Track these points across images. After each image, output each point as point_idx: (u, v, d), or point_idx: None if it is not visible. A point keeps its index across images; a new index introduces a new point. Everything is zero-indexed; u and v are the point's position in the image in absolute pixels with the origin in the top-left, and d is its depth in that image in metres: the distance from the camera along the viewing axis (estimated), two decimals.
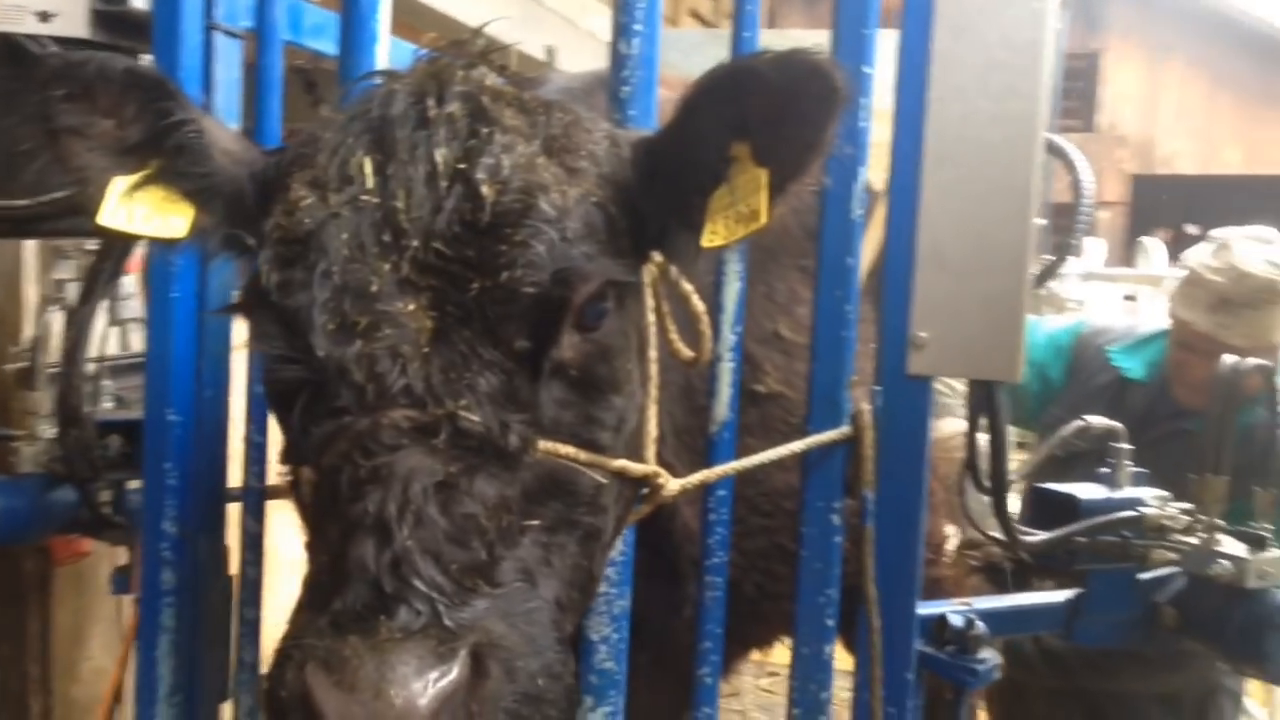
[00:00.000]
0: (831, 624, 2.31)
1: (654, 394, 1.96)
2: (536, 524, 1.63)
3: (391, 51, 2.54)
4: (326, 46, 2.91)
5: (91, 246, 3.25)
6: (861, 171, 2.30)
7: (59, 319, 3.41)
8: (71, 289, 3.45)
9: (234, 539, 2.74)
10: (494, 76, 1.82)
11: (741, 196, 1.75)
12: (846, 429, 2.28)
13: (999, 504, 2.45)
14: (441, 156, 1.65)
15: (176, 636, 2.56)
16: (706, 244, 1.79)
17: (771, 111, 1.70)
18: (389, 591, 1.43)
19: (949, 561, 3.20)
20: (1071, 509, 2.62)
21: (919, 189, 2.32)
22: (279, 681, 1.46)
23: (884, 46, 4.00)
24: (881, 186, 2.41)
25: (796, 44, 1.72)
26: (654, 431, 1.95)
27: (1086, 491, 2.68)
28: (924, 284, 2.35)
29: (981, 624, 2.45)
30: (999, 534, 2.66)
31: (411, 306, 1.59)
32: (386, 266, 1.61)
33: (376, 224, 1.63)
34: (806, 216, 2.40)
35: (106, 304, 2.89)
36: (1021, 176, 2.33)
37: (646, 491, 1.96)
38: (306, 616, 1.49)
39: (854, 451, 2.28)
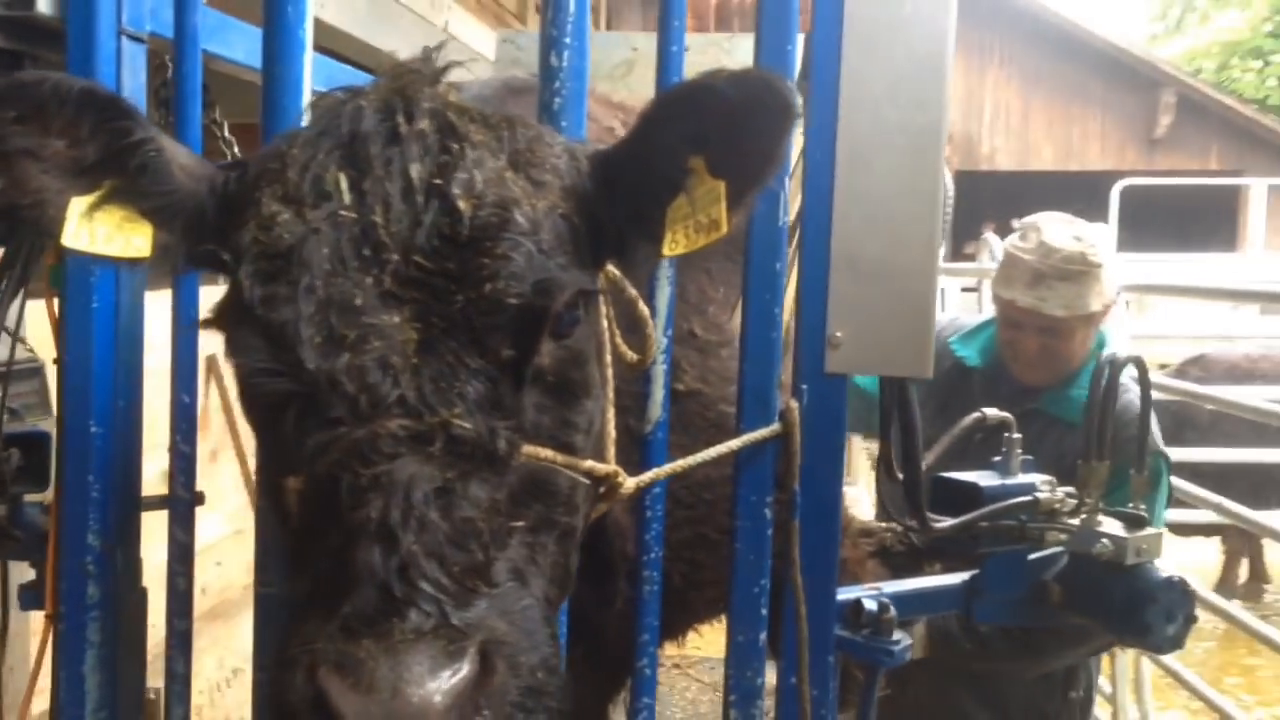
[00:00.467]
0: (765, 612, 2.41)
1: (611, 396, 2.04)
2: (521, 525, 1.69)
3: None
4: (238, 54, 2.90)
5: None
6: (787, 180, 2.41)
7: None
8: None
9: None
10: (454, 93, 1.87)
11: (701, 207, 1.84)
12: (776, 426, 2.38)
13: (913, 492, 2.58)
14: (416, 172, 1.70)
15: (102, 651, 2.53)
16: (668, 252, 1.88)
17: (729, 126, 1.79)
18: (398, 595, 1.48)
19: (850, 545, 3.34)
20: (974, 496, 2.77)
21: (832, 195, 2.44)
22: (288, 685, 1.49)
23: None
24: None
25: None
26: (613, 433, 2.02)
27: (985, 479, 2.83)
28: (838, 286, 2.47)
29: (894, 608, 2.60)
30: (906, 521, 2.81)
31: (396, 318, 1.64)
32: (369, 280, 1.65)
33: (356, 239, 1.67)
34: None
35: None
36: (928, 182, 2.47)
37: (603, 490, 2.03)
38: (311, 621, 1.53)
39: (784, 448, 2.39)
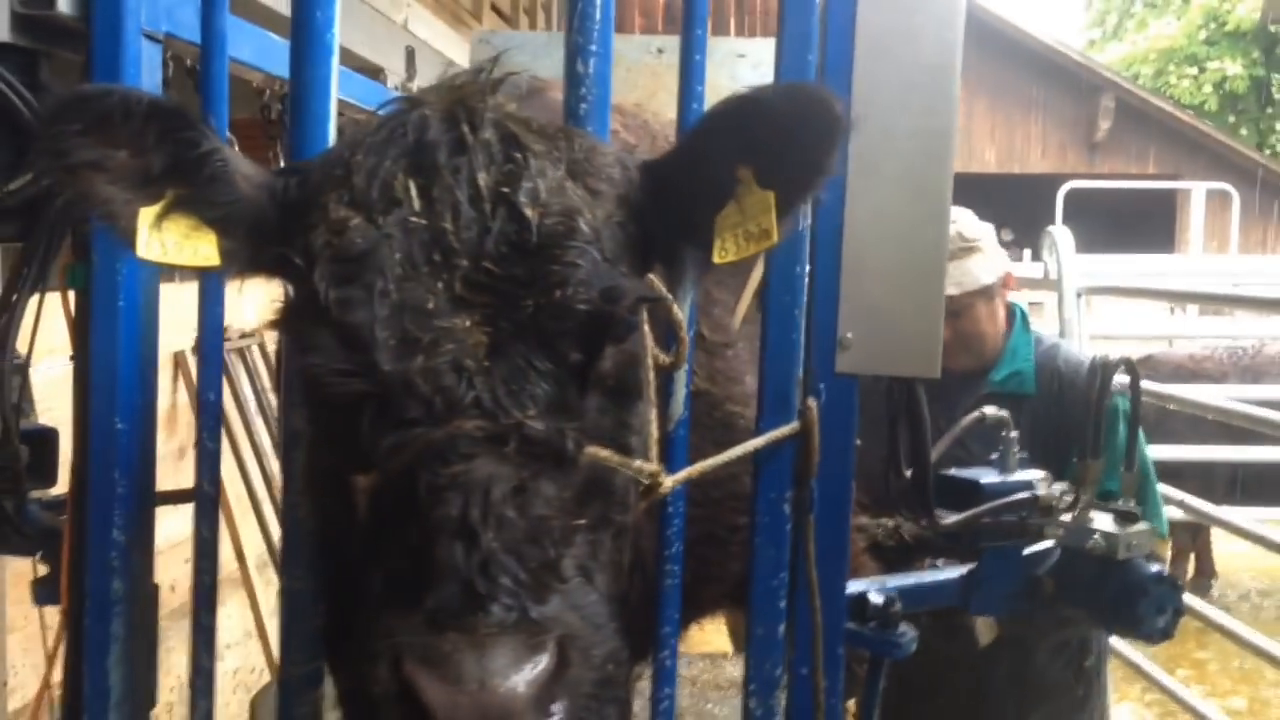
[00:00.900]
0: (783, 605, 2.48)
1: (653, 398, 2.10)
2: (584, 523, 1.75)
3: None
4: (244, 54, 2.92)
5: None
6: None
7: None
8: None
9: None
10: (512, 104, 1.92)
11: (751, 216, 1.90)
12: (796, 425, 2.45)
13: (921, 490, 2.67)
14: (483, 180, 1.76)
15: (125, 645, 2.55)
16: (719, 260, 1.94)
17: (778, 138, 1.85)
18: (481, 590, 1.54)
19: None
20: (975, 492, 2.86)
21: (844, 199, 2.52)
22: (373, 678, 1.54)
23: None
24: None
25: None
26: (655, 433, 2.09)
27: (985, 476, 2.93)
28: (849, 288, 2.54)
29: (899, 602, 2.68)
30: (902, 517, 2.90)
31: (467, 322, 1.69)
32: (439, 285, 1.70)
33: (426, 244, 1.72)
34: None
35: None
36: (937, 186, 2.56)
37: (643, 489, 2.09)
38: (391, 616, 1.58)
39: (802, 445, 2.46)
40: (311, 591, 2.42)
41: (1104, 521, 3.01)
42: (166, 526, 2.82)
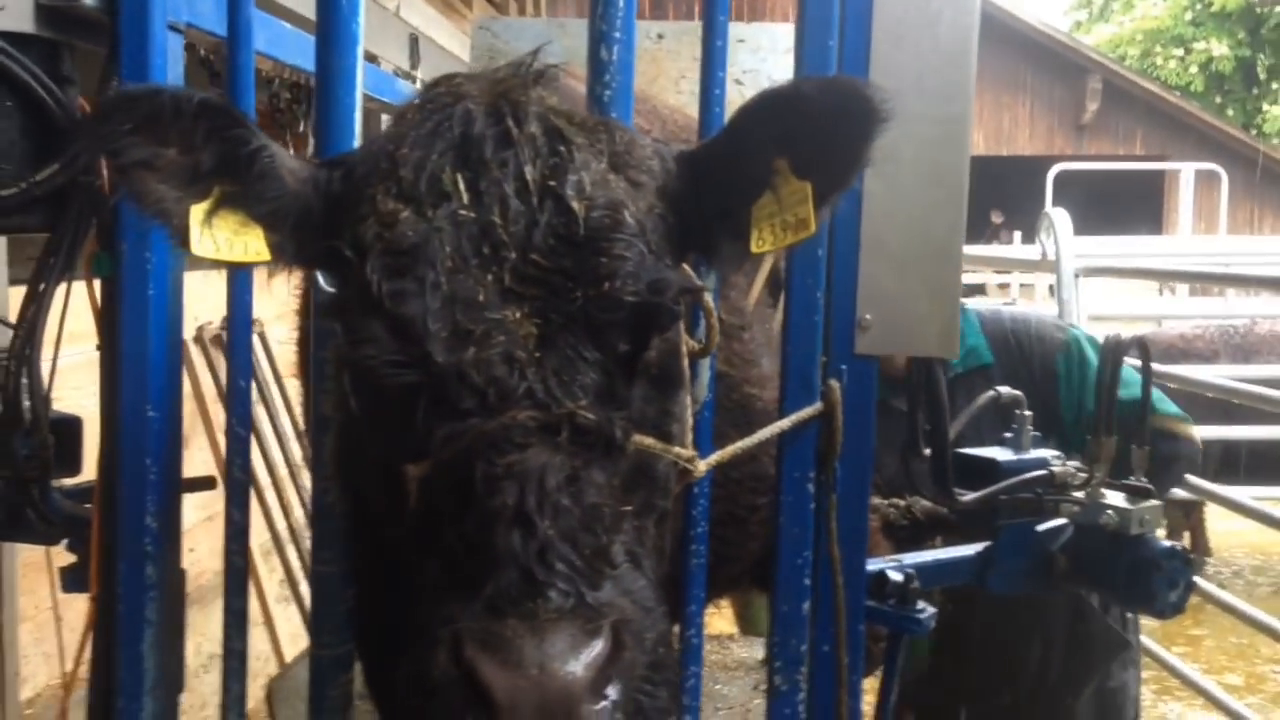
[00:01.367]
0: (808, 583, 2.52)
1: (688, 384, 2.14)
2: (631, 510, 1.79)
3: None
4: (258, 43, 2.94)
5: None
6: None
7: None
8: None
9: None
10: (554, 97, 1.95)
11: (788, 206, 1.94)
12: (819, 406, 2.49)
13: (940, 469, 2.71)
14: (530, 174, 1.79)
15: (158, 630, 2.59)
16: (756, 250, 1.98)
17: (816, 130, 1.88)
18: (540, 577, 1.57)
19: None
20: (991, 470, 2.91)
21: (862, 183, 2.55)
22: (430, 662, 1.57)
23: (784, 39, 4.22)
24: None
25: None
26: (690, 420, 2.12)
27: (1002, 454, 2.97)
28: (868, 270, 2.58)
29: (918, 579, 2.72)
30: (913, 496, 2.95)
31: (517, 314, 1.72)
32: (489, 277, 1.73)
33: (475, 237, 1.75)
34: None
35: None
36: (955, 170, 2.60)
37: (679, 473, 2.12)
38: (447, 602, 1.61)
39: (825, 426, 2.50)
40: (341, 575, 2.46)
41: (1116, 498, 3.05)
42: None
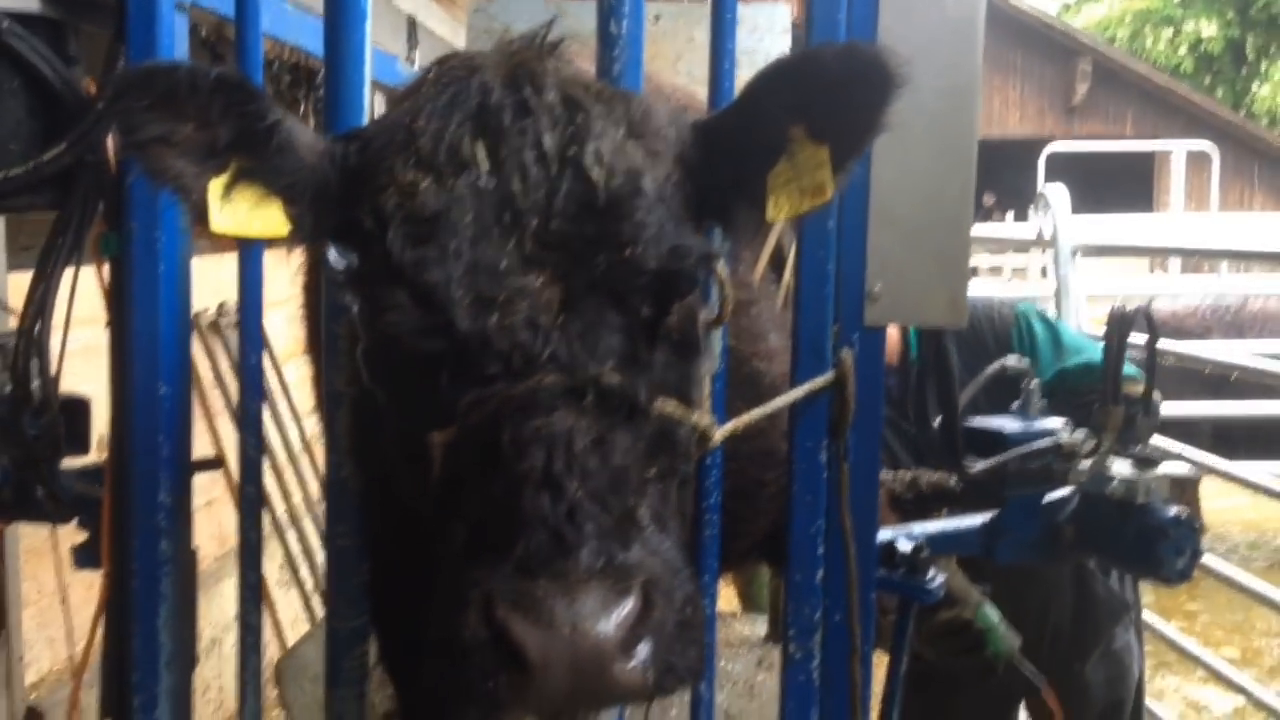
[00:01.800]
0: (820, 552, 2.54)
1: (706, 352, 2.15)
2: (654, 473, 1.80)
3: None
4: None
5: None
6: None
7: None
8: None
9: None
10: (568, 68, 1.96)
11: (805, 172, 1.94)
12: (831, 375, 2.50)
13: (950, 437, 2.72)
14: (549, 142, 1.80)
15: (173, 605, 2.60)
16: (772, 217, 1.99)
17: (832, 98, 1.89)
18: (569, 538, 1.59)
19: None
20: (999, 440, 2.92)
21: (870, 153, 2.56)
22: (460, 625, 1.58)
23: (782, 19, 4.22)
24: None
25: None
26: (707, 387, 2.13)
27: (1009, 424, 2.98)
28: (876, 241, 2.59)
29: (927, 548, 2.74)
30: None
31: (539, 281, 1.73)
32: (511, 244, 1.74)
33: (496, 205, 1.76)
34: None
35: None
36: (963, 142, 2.61)
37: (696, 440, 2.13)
38: (477, 565, 1.62)
39: (837, 395, 2.51)
40: (357, 548, 2.47)
41: (1122, 467, 3.07)
42: None
